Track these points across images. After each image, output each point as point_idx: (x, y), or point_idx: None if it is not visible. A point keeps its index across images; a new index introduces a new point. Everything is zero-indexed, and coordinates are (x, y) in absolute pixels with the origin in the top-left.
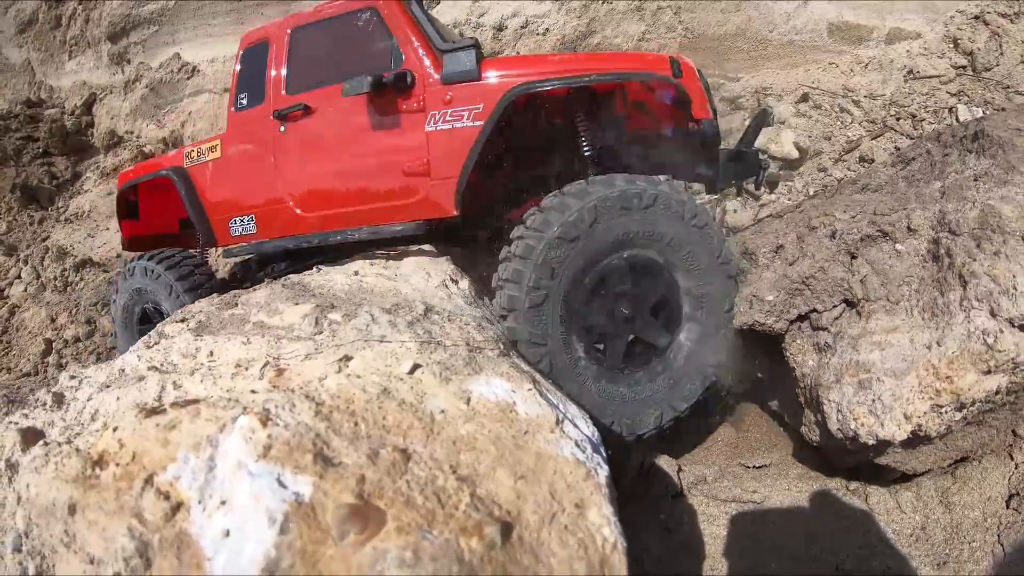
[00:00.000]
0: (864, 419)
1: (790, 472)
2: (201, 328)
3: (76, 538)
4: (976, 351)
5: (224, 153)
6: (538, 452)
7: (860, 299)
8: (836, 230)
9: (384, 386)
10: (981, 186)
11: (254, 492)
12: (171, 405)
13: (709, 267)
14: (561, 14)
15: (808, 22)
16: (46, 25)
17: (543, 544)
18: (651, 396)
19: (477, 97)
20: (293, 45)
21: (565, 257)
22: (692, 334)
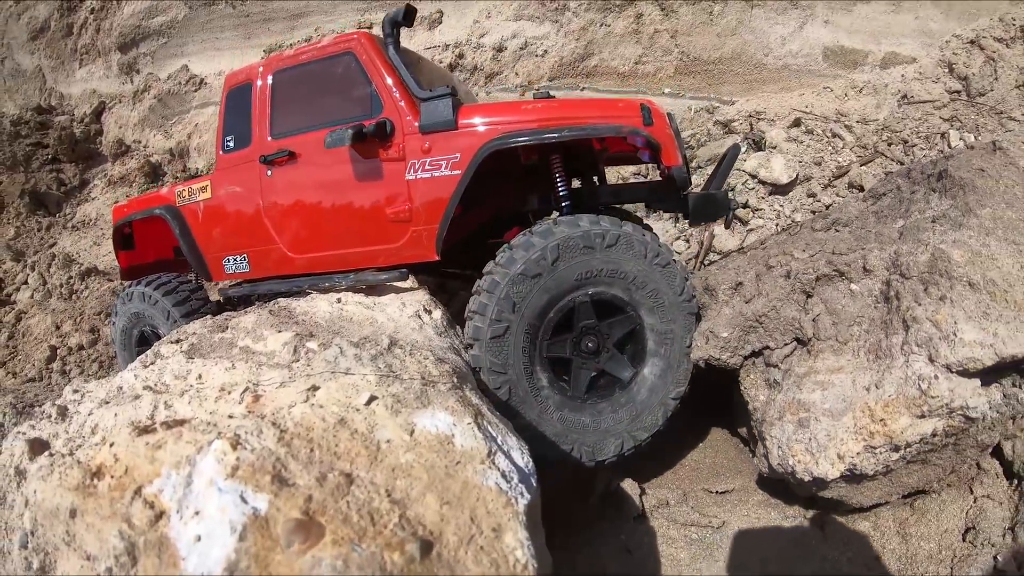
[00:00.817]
0: (801, 456)
1: (751, 499)
2: (193, 350)
3: (75, 538)
4: (911, 396)
5: (215, 194)
6: (465, 481)
7: (810, 338)
8: (791, 270)
9: (342, 416)
10: (937, 228)
11: (221, 505)
12: (160, 424)
13: (672, 304)
14: (560, 36)
15: (803, 46)
16: (58, 33)
17: (459, 561)
18: (613, 426)
19: (454, 147)
20: (275, 88)
21: (528, 292)
22: (656, 368)
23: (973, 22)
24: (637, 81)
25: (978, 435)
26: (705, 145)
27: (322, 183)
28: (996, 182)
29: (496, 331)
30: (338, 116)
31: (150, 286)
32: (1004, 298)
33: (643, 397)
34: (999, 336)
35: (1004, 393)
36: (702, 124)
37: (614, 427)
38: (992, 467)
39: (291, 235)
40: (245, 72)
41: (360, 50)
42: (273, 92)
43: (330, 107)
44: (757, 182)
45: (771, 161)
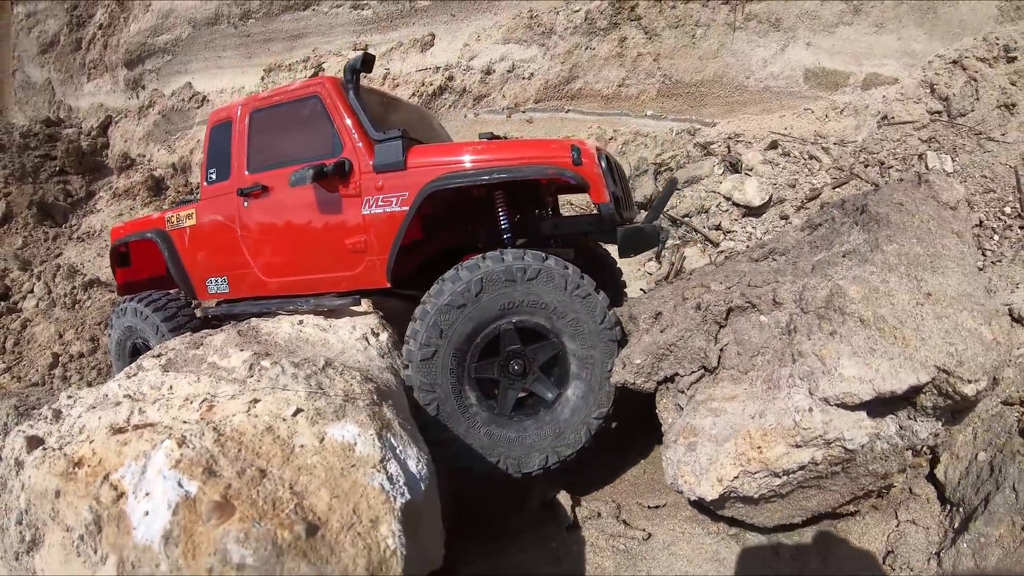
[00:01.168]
0: (687, 478)
1: (680, 514)
2: (169, 364)
3: (59, 514)
4: (787, 426)
5: (199, 221)
6: (355, 480)
7: (715, 367)
8: (702, 302)
9: (270, 424)
10: (844, 263)
11: (164, 489)
12: (132, 427)
13: (592, 332)
14: (546, 59)
15: (785, 68)
16: (67, 47)
17: (339, 543)
18: (538, 442)
19: (403, 185)
20: (252, 126)
21: (454, 320)
22: (578, 390)
23: (957, 42)
24: (620, 103)
25: (869, 464)
26: (684, 167)
27: (291, 215)
28: (912, 216)
29: (425, 354)
30: (304, 154)
31: (142, 303)
32: (893, 335)
33: (566, 416)
34: (880, 372)
35: (900, 425)
36: (682, 146)
37: (539, 443)
38: (924, 492)
39: (264, 261)
40: (226, 110)
41: (324, 94)
42: (250, 130)
43: (298, 145)
44: (731, 204)
45: (744, 184)
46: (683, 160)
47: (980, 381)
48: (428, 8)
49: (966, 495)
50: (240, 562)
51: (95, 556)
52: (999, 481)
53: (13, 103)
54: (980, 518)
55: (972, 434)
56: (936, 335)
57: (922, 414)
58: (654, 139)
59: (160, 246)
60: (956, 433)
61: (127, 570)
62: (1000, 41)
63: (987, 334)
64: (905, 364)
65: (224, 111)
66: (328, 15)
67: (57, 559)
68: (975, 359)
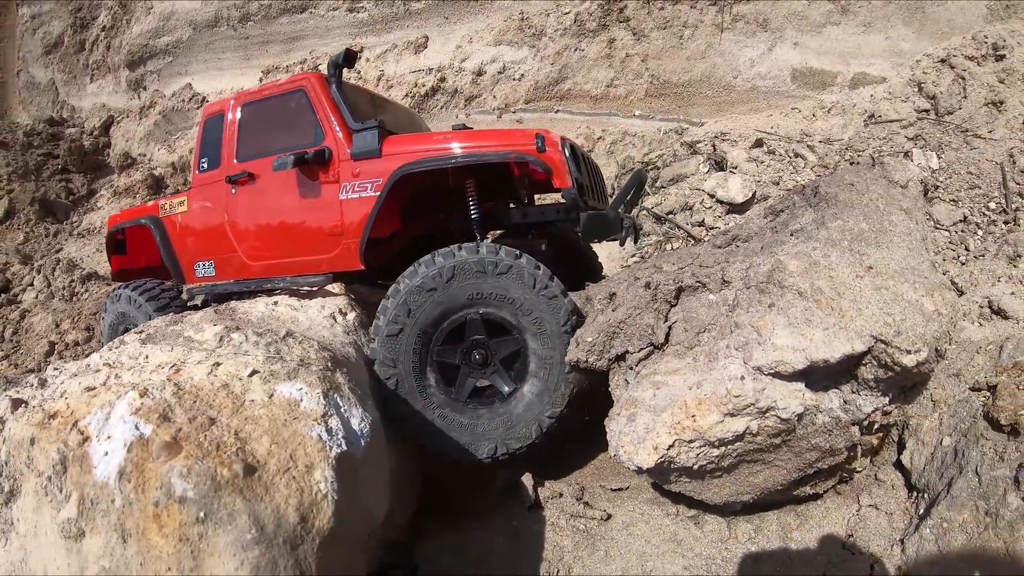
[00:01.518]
0: (626, 447)
1: (641, 496)
2: (148, 339)
3: (33, 460)
4: (720, 395)
5: (190, 208)
6: (295, 431)
7: (662, 343)
8: (651, 281)
9: (226, 382)
10: (791, 241)
11: (122, 430)
12: (102, 385)
13: (554, 333)
14: (536, 60)
15: (772, 68)
16: (71, 48)
17: (274, 484)
18: (489, 431)
19: (377, 172)
20: (243, 118)
21: (423, 303)
22: (535, 388)
23: (945, 41)
24: (609, 103)
25: (811, 438)
26: (670, 166)
27: (274, 201)
28: (860, 195)
29: (391, 331)
30: (289, 143)
31: (136, 290)
32: (830, 306)
33: (519, 411)
34: (813, 341)
35: (844, 399)
36: (670, 145)
37: (489, 432)
38: (890, 478)
39: (248, 245)
40: (220, 104)
41: (309, 87)
42: (240, 122)
43: (284, 135)
44: (715, 201)
45: (728, 181)
46: (669, 159)
47: (920, 352)
48: (422, 11)
49: (931, 480)
50: (182, 495)
51: (60, 495)
52: (962, 465)
53: (17, 103)
54: (943, 503)
55: (938, 420)
56: (874, 305)
57: (864, 387)
58: (642, 138)
59: (153, 232)
60: (922, 419)
61: (87, 506)
62: (989, 40)
63: (928, 305)
64: (839, 334)
65: (217, 104)
66: (325, 18)
67: (31, 505)
68: (914, 329)
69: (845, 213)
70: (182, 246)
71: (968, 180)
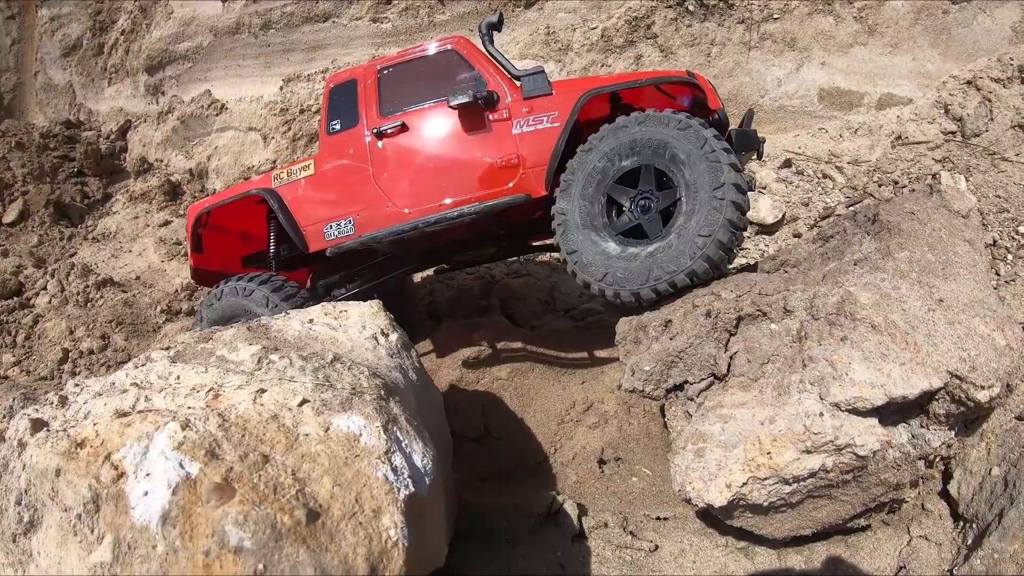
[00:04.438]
0: (695, 484)
1: (688, 526)
2: (177, 356)
3: (58, 493)
4: (797, 431)
5: (318, 170)
6: (359, 470)
7: (724, 374)
8: (712, 309)
9: (275, 412)
10: (855, 271)
11: (165, 468)
12: (136, 412)
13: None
14: (562, 75)
15: (800, 88)
16: (89, 51)
17: (340, 531)
18: (618, 264)
19: (553, 106)
20: (382, 80)
21: (616, 135)
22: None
23: (971, 63)
24: None
25: (880, 473)
26: None
27: (436, 144)
28: (923, 225)
29: (586, 148)
30: (444, 95)
31: (241, 281)
32: (904, 340)
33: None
34: (892, 377)
35: (912, 433)
36: None
37: (617, 266)
38: (937, 508)
39: (403, 193)
40: (347, 73)
41: (460, 47)
42: (380, 83)
43: (437, 89)
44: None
45: (758, 201)
46: None
47: (993, 387)
48: (446, 23)
49: (980, 511)
50: (238, 544)
51: (91, 536)
52: (1013, 496)
53: (34, 104)
54: (994, 534)
55: (986, 449)
56: (948, 340)
57: (935, 422)
58: None
59: (270, 202)
60: (970, 448)
61: (123, 550)
62: (1014, 62)
63: (1000, 340)
64: (917, 369)
65: (344, 74)
66: (347, 27)
67: (54, 540)
68: (988, 364)
69: (910, 244)
70: (306, 212)
71: (996, 204)
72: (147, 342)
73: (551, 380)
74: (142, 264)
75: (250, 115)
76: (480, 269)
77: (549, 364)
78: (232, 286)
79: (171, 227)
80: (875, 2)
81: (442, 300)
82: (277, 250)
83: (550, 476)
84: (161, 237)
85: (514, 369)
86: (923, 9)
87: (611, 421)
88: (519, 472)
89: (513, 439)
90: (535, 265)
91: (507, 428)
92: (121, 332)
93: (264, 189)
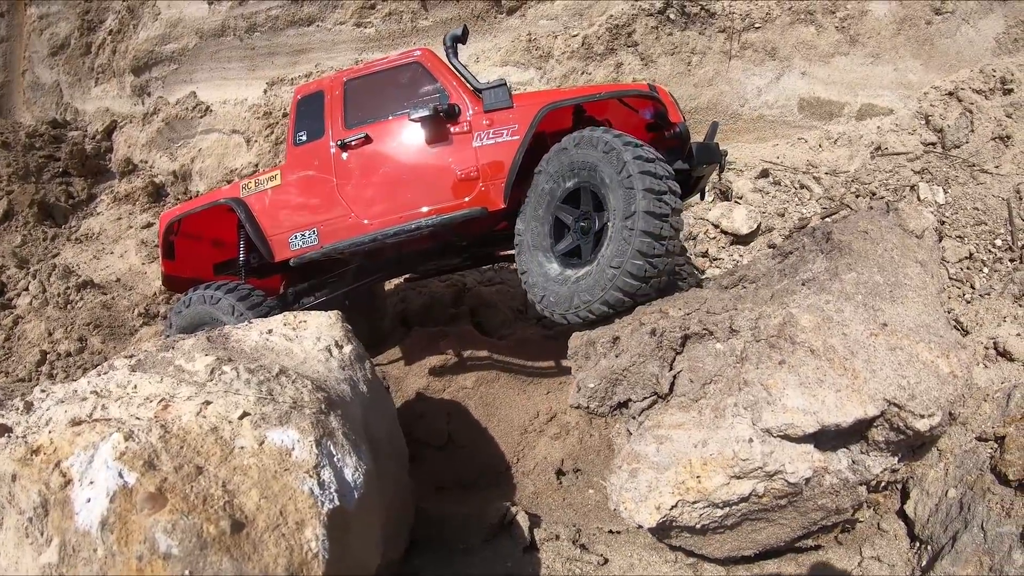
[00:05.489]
0: (628, 504)
1: (639, 540)
2: (137, 365)
3: (14, 497)
4: (727, 456)
5: (284, 181)
6: (286, 484)
7: (666, 394)
8: (657, 327)
9: (215, 425)
10: (802, 291)
11: (105, 477)
12: (88, 420)
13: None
14: (542, 83)
15: (779, 97)
16: (76, 51)
17: (263, 541)
18: (551, 287)
19: (513, 119)
20: (348, 92)
21: (558, 157)
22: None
23: (953, 74)
24: None
25: (817, 499)
26: None
27: (396, 156)
28: (875, 245)
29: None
30: (407, 107)
31: (208, 289)
32: (842, 365)
33: (586, 283)
34: (825, 404)
35: (852, 459)
36: None
37: (550, 287)
38: (893, 528)
39: (365, 203)
40: (315, 84)
41: (425, 60)
42: (345, 95)
43: (400, 101)
44: (719, 231)
45: (733, 211)
46: None
47: (934, 416)
48: (429, 28)
49: (935, 532)
50: (166, 551)
51: (41, 538)
52: (968, 519)
53: (22, 103)
54: (947, 557)
55: (944, 470)
56: (888, 367)
57: (875, 448)
58: None
59: (237, 211)
60: (928, 469)
61: (68, 552)
62: (997, 73)
63: (944, 367)
64: (852, 396)
65: (312, 85)
66: (331, 31)
67: (12, 540)
68: (928, 393)
69: (859, 264)
70: (272, 221)
71: (974, 216)
72: (123, 345)
73: (516, 390)
74: (123, 266)
75: (234, 118)
76: (453, 277)
77: (514, 373)
78: (200, 294)
79: (153, 229)
80: (858, 12)
81: (413, 307)
82: (247, 258)
83: (510, 486)
84: (143, 239)
85: (480, 378)
86: (906, 19)
87: (572, 432)
88: (481, 481)
89: (476, 448)
90: (509, 273)
91: (471, 437)
92: (98, 335)
93: (232, 199)
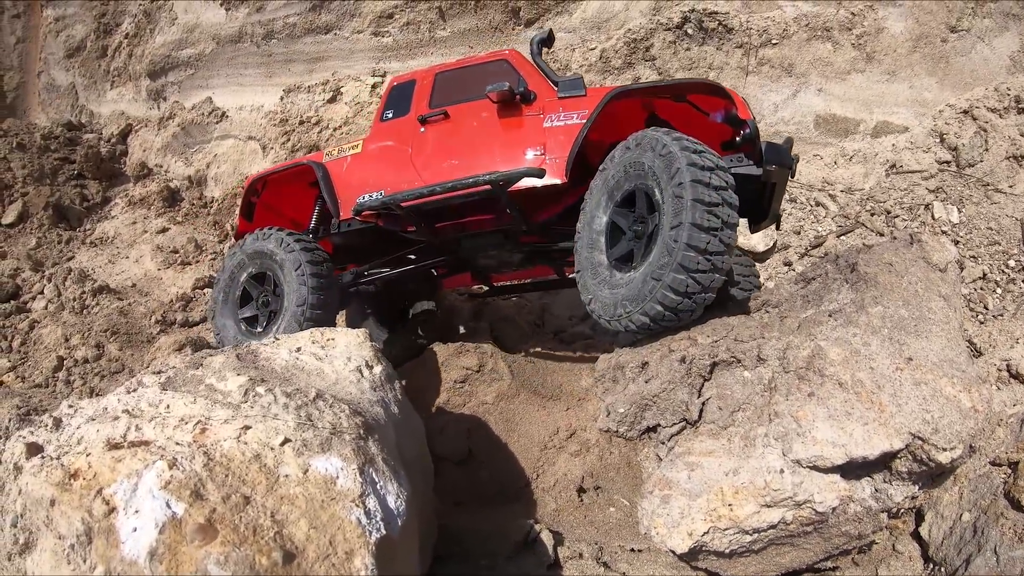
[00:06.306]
0: (659, 529)
1: (660, 559)
2: (168, 383)
3: (52, 521)
4: (759, 485)
5: (365, 150)
6: (333, 513)
7: (695, 421)
8: (687, 355)
9: (258, 452)
10: (829, 323)
11: (152, 507)
12: (127, 443)
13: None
14: None
15: (796, 114)
16: (92, 54)
17: (313, 572)
18: (600, 291)
19: (583, 104)
20: (438, 81)
21: (621, 155)
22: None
23: (968, 92)
24: None
25: (842, 526)
26: None
27: (470, 131)
28: (900, 278)
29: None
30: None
31: (292, 236)
32: (870, 399)
33: (634, 291)
34: (853, 437)
35: (875, 488)
36: None
37: (599, 291)
38: (908, 550)
39: (433, 170)
40: (409, 75)
41: (512, 58)
42: (435, 84)
43: (482, 88)
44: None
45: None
46: None
47: (955, 449)
48: (447, 39)
49: (948, 555)
50: None
51: (84, 565)
52: (981, 543)
53: (37, 104)
54: None
55: (958, 494)
56: (913, 401)
57: (897, 478)
58: None
59: (317, 172)
60: (943, 492)
61: None
62: (1011, 92)
63: (966, 402)
64: (879, 430)
65: (407, 75)
66: (349, 40)
67: (49, 563)
68: (951, 427)
69: (885, 298)
70: (346, 183)
71: (988, 236)
72: (141, 352)
73: (536, 406)
74: (139, 271)
75: (250, 124)
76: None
77: (534, 390)
78: (279, 237)
79: (168, 234)
80: (874, 29)
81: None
82: (316, 227)
83: (531, 502)
84: (159, 245)
85: (500, 393)
86: (922, 37)
87: (592, 449)
88: (501, 496)
89: (496, 464)
90: None
91: (491, 452)
92: (116, 342)
93: (314, 161)
